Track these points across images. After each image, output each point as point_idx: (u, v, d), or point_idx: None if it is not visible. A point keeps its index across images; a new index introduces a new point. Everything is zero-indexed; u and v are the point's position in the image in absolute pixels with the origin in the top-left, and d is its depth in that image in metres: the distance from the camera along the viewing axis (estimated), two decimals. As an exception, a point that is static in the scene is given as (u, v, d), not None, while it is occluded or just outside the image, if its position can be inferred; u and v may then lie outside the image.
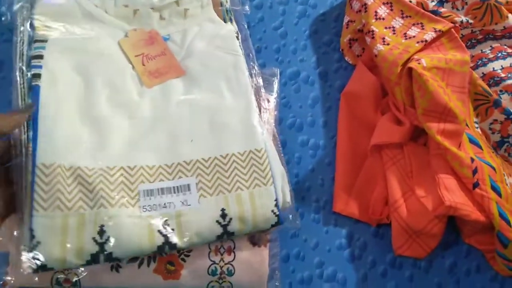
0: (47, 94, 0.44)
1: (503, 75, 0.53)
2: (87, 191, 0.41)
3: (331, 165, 0.52)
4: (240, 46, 0.52)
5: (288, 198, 0.46)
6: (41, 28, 0.47)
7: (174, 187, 0.44)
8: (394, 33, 0.51)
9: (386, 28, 0.52)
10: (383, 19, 0.52)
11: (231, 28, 0.53)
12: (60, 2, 0.50)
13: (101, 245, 0.39)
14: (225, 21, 0.54)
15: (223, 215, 0.43)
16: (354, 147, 0.52)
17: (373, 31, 0.51)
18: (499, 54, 0.54)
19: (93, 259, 0.39)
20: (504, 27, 0.54)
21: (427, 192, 0.47)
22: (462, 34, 0.55)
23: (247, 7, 0.55)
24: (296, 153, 0.53)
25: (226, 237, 0.43)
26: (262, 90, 0.51)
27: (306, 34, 0.58)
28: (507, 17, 0.53)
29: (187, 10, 0.54)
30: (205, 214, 0.43)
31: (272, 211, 0.44)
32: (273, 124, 0.50)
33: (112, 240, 0.40)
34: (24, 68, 0.45)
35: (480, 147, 0.48)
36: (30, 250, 0.38)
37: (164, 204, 0.43)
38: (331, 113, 0.55)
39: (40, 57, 0.45)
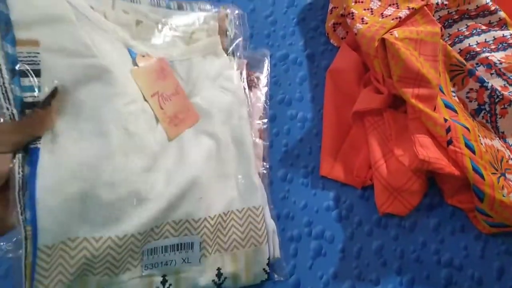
0: (48, 156, 0.43)
1: (478, 49, 0.61)
2: (92, 262, 0.43)
3: (319, 135, 0.60)
4: (244, 89, 0.56)
5: (278, 253, 0.52)
6: (24, 42, 0.42)
7: (177, 245, 0.47)
8: (372, 14, 0.61)
9: (364, 9, 0.61)
10: (362, 2, 0.62)
11: (234, 67, 0.57)
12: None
13: None
14: (227, 52, 0.58)
15: (219, 274, 0.49)
16: (339, 117, 0.60)
17: (353, 13, 0.61)
18: (474, 31, 0.63)
19: None
20: (477, 6, 0.63)
21: (404, 151, 0.54)
22: (439, 16, 0.65)
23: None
24: (285, 126, 0.61)
25: None
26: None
27: (294, 21, 0.68)
28: (478, -3, 0.63)
29: (193, 33, 0.57)
30: (203, 273, 0.48)
31: (264, 269, 0.50)
32: (263, 100, 0.59)
33: None
34: (14, 111, 0.42)
35: (455, 111, 0.56)
36: None
37: (166, 262, 0.47)
38: (318, 89, 0.64)
39: (34, 105, 0.43)
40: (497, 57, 0.60)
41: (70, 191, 0.42)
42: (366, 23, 0.59)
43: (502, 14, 0.63)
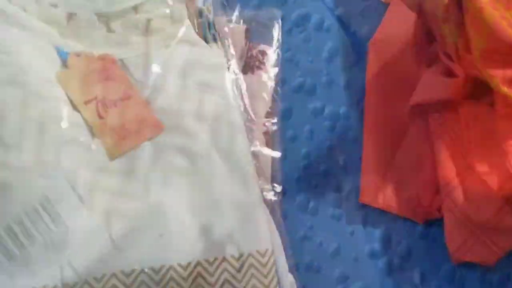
0: None
1: None
2: None
3: (358, 141, 0.51)
4: (233, 85, 0.50)
5: None
6: None
7: None
8: (440, -48, 0.48)
9: None
10: None
11: (219, 54, 0.50)
12: None
13: None
14: (205, 40, 0.50)
15: None
16: (388, 114, 0.51)
17: (411, -50, 0.49)
18: None
19: None
20: None
21: (491, 167, 0.45)
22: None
23: (233, 17, 0.51)
24: (307, 126, 0.51)
25: None
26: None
27: (319, -36, 0.57)
28: None
29: (150, 21, 0.50)
30: None
31: None
32: (272, 86, 0.50)
33: None
34: None
35: None
36: None
37: None
38: (356, 70, 0.53)
39: None
40: None
41: None
42: (431, -33, 0.47)
43: None
